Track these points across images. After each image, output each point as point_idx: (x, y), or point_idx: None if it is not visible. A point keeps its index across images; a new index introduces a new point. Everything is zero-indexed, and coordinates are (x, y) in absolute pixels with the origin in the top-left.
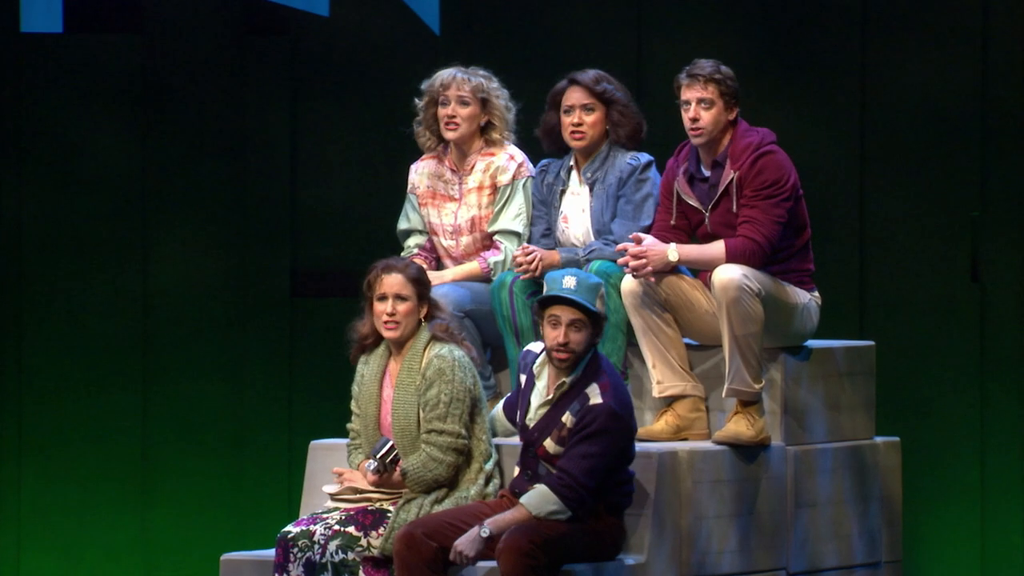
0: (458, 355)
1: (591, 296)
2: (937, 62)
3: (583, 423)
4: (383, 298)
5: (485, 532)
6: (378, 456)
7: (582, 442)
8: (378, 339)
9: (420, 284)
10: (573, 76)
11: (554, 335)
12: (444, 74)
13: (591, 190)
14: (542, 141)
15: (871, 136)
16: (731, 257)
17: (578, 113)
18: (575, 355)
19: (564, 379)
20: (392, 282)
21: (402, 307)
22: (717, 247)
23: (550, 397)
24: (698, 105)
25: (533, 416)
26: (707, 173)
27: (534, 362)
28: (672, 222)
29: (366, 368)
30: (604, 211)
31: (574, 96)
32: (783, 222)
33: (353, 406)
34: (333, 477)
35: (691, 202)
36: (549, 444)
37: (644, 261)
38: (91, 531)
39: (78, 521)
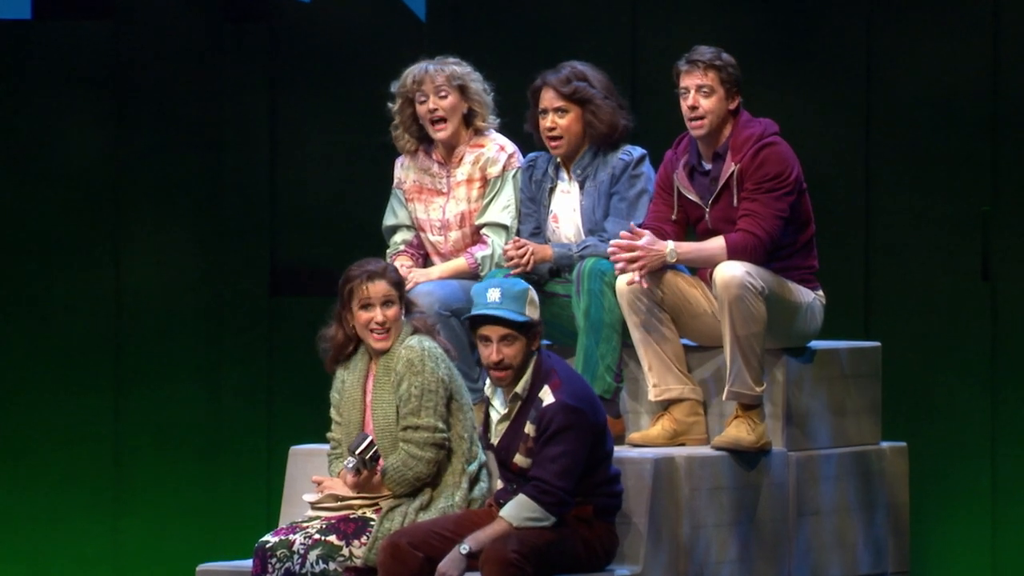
0: (428, 345)
1: (518, 305)
2: (946, 49)
3: (542, 426)
4: (369, 306)
5: (464, 549)
6: (357, 452)
7: (547, 445)
8: (357, 345)
9: (401, 286)
10: (545, 76)
11: (487, 354)
12: (414, 71)
13: (581, 188)
14: (533, 135)
15: (877, 127)
16: (732, 253)
17: (551, 117)
18: (512, 369)
19: (515, 391)
20: (378, 290)
21: (391, 312)
22: (717, 243)
23: (506, 412)
24: (697, 92)
25: (495, 434)
26: (708, 166)
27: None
28: (673, 216)
29: (347, 373)
30: (596, 209)
31: (546, 98)
32: (785, 216)
33: (333, 414)
34: (313, 486)
35: (691, 197)
36: (519, 459)
37: (638, 255)
38: (61, 540)
39: (47, 529)
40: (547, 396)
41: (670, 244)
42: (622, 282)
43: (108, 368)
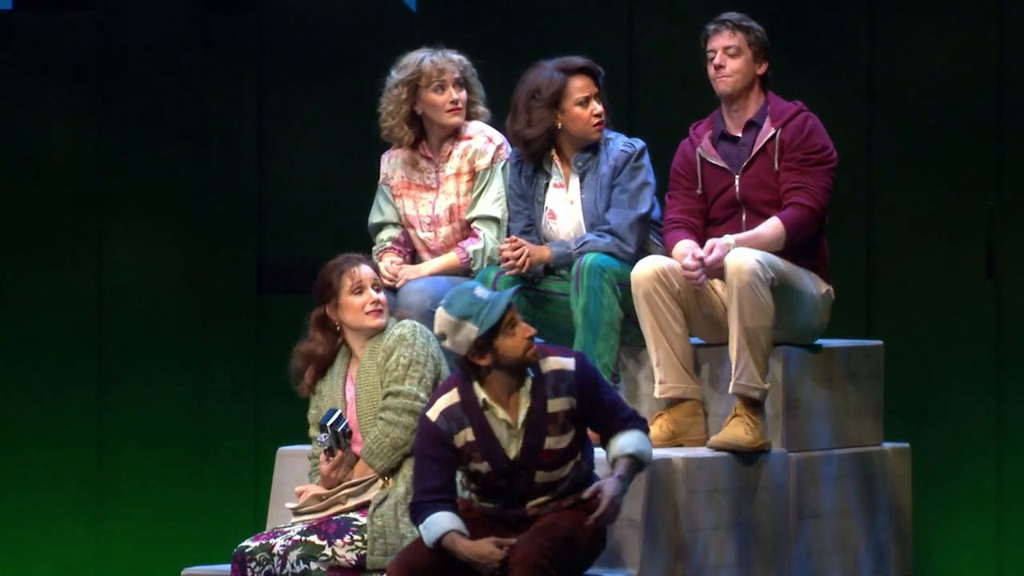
0: (420, 325)
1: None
2: (950, 40)
3: (583, 383)
4: (361, 290)
5: (732, 240)
6: (328, 425)
7: (600, 394)
8: (334, 355)
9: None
10: (575, 65)
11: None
12: (433, 58)
13: (581, 180)
14: (527, 145)
15: (879, 121)
16: (792, 231)
17: (592, 103)
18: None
19: (520, 388)
20: (367, 273)
21: (381, 295)
22: (773, 228)
23: (523, 418)
24: (724, 53)
25: (511, 446)
26: (738, 135)
27: (461, 414)
28: (698, 191)
29: (324, 384)
30: (598, 202)
31: (587, 86)
32: (830, 192)
33: (313, 432)
34: (295, 498)
35: (718, 163)
36: (551, 441)
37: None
38: (43, 543)
39: (29, 533)
40: (559, 362)
41: (728, 239)
42: (639, 273)
43: (91, 367)
